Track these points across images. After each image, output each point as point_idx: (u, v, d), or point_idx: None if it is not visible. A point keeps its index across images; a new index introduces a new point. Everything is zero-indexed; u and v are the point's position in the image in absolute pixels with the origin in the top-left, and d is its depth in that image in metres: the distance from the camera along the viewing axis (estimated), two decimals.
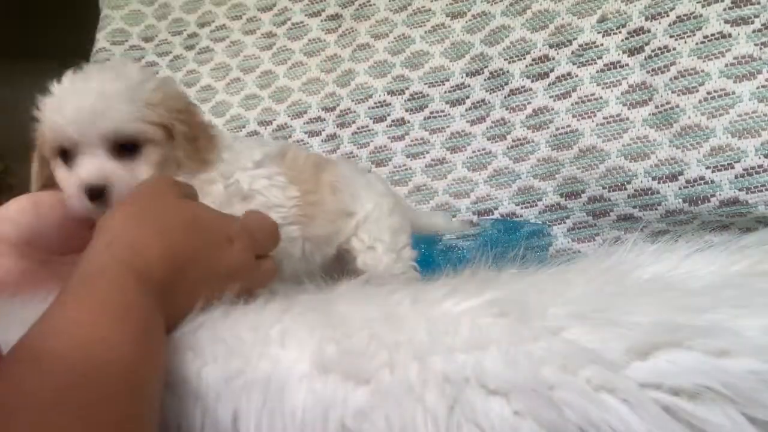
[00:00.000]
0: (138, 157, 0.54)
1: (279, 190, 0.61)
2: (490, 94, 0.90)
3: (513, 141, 0.88)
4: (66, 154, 0.54)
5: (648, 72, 0.78)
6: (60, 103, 0.53)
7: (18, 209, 0.53)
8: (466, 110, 0.92)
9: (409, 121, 0.95)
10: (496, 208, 0.88)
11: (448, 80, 0.93)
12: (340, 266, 0.69)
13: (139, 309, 0.33)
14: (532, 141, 0.86)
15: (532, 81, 0.87)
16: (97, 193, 0.52)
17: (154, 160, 0.55)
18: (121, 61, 0.59)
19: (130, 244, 0.37)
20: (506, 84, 0.89)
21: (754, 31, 0.72)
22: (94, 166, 0.52)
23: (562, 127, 0.84)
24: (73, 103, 0.52)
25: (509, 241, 0.82)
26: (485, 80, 0.91)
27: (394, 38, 0.98)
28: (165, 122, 0.55)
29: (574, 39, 0.84)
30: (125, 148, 0.53)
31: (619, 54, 0.81)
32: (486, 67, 0.91)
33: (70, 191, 0.53)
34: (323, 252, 0.66)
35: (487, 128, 0.90)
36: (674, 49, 0.76)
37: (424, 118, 0.94)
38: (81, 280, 0.34)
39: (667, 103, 0.76)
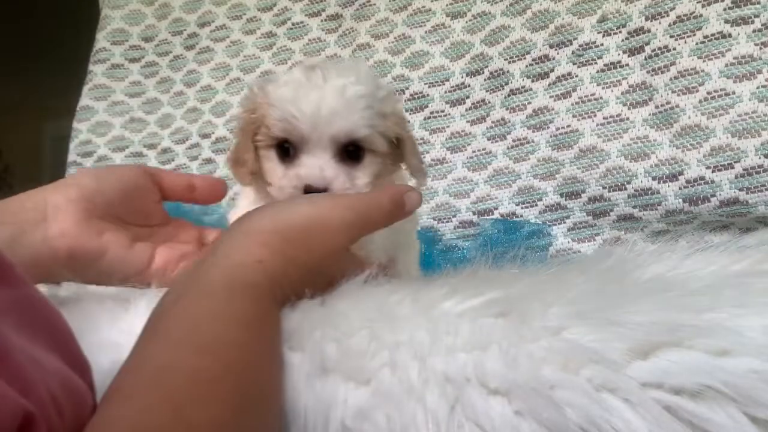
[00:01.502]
0: (359, 165, 0.52)
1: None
2: (490, 94, 0.90)
3: (513, 141, 0.88)
4: (283, 148, 0.52)
5: (648, 72, 0.78)
6: (296, 96, 0.50)
7: (79, 174, 0.51)
8: (466, 110, 0.92)
9: (409, 121, 0.95)
10: (496, 208, 0.88)
11: (448, 80, 0.93)
12: None
13: (277, 336, 0.35)
14: (532, 141, 0.86)
15: (532, 81, 0.87)
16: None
17: (374, 171, 0.52)
18: (356, 62, 0.54)
19: (280, 275, 0.37)
20: (506, 84, 0.89)
21: (754, 31, 0.72)
22: (318, 167, 0.50)
23: (562, 127, 0.84)
24: (311, 99, 0.49)
25: (509, 241, 0.82)
26: (485, 80, 0.91)
27: (394, 38, 0.98)
28: (392, 134, 0.52)
29: (574, 39, 0.84)
30: (349, 154, 0.51)
31: (619, 54, 0.81)
32: (486, 67, 0.91)
33: (283, 187, 0.51)
34: None
35: (487, 128, 0.90)
36: (674, 49, 0.76)
37: (424, 118, 0.94)
38: (227, 288, 0.34)
39: (667, 103, 0.76)
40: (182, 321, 0.31)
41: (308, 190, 0.50)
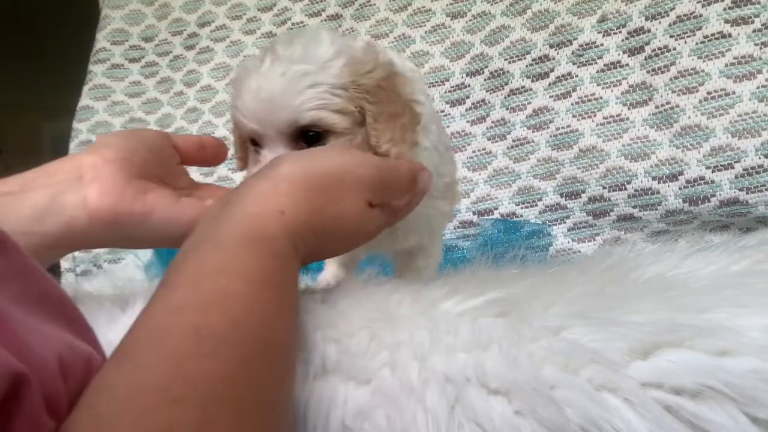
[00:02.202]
0: None
1: (448, 165, 0.55)
2: (490, 94, 0.90)
3: (513, 141, 0.88)
4: (255, 144, 0.49)
5: (648, 72, 0.78)
6: (239, 88, 0.47)
7: (108, 136, 0.48)
8: (466, 110, 0.92)
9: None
10: (496, 208, 0.88)
11: (448, 80, 0.93)
12: None
13: (293, 289, 0.33)
14: (532, 141, 0.86)
15: (532, 81, 0.87)
16: None
17: None
18: (314, 32, 0.49)
19: (303, 227, 0.35)
20: (506, 84, 0.89)
21: (754, 31, 0.72)
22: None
23: (562, 127, 0.84)
24: (252, 88, 0.46)
25: (509, 241, 0.82)
26: (485, 80, 0.91)
27: (395, 38, 0.98)
28: (354, 106, 0.46)
29: (574, 39, 0.84)
30: (309, 139, 0.46)
31: (619, 54, 0.81)
32: (486, 67, 0.91)
33: None
34: None
35: (487, 128, 0.90)
36: (674, 49, 0.76)
37: None
38: (241, 241, 0.32)
39: (667, 103, 0.76)
40: (190, 276, 0.30)
41: None
